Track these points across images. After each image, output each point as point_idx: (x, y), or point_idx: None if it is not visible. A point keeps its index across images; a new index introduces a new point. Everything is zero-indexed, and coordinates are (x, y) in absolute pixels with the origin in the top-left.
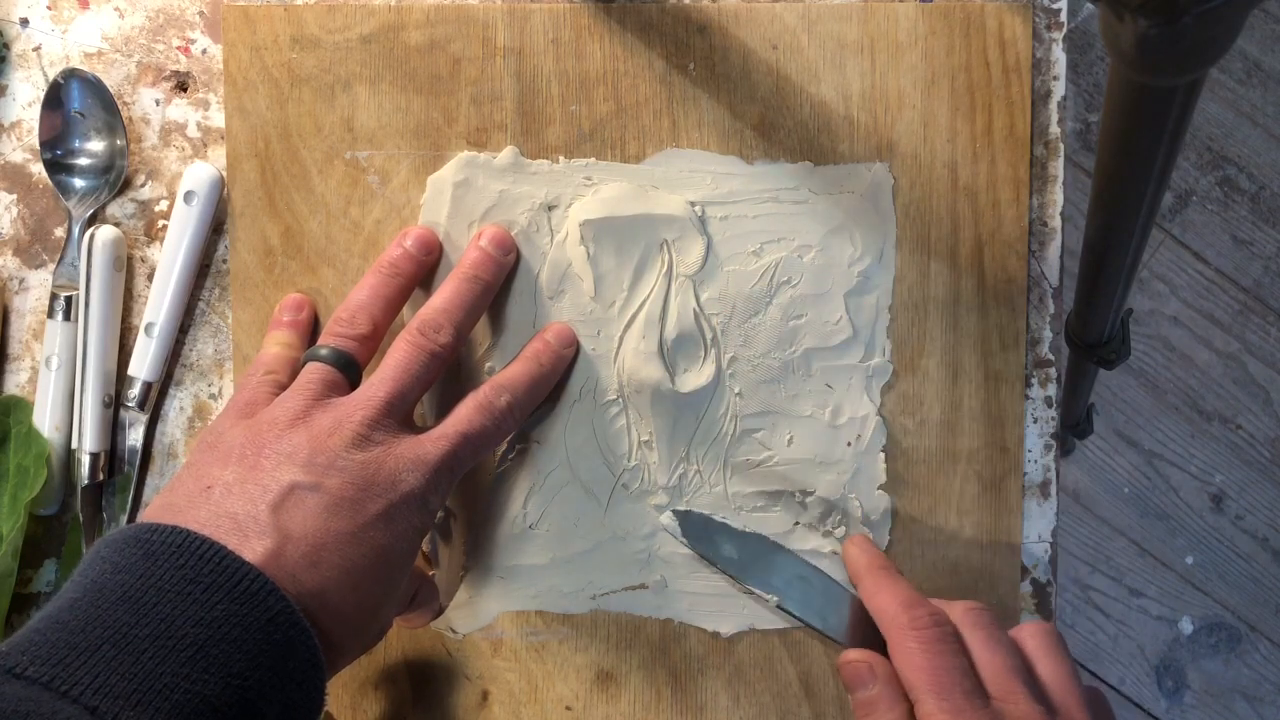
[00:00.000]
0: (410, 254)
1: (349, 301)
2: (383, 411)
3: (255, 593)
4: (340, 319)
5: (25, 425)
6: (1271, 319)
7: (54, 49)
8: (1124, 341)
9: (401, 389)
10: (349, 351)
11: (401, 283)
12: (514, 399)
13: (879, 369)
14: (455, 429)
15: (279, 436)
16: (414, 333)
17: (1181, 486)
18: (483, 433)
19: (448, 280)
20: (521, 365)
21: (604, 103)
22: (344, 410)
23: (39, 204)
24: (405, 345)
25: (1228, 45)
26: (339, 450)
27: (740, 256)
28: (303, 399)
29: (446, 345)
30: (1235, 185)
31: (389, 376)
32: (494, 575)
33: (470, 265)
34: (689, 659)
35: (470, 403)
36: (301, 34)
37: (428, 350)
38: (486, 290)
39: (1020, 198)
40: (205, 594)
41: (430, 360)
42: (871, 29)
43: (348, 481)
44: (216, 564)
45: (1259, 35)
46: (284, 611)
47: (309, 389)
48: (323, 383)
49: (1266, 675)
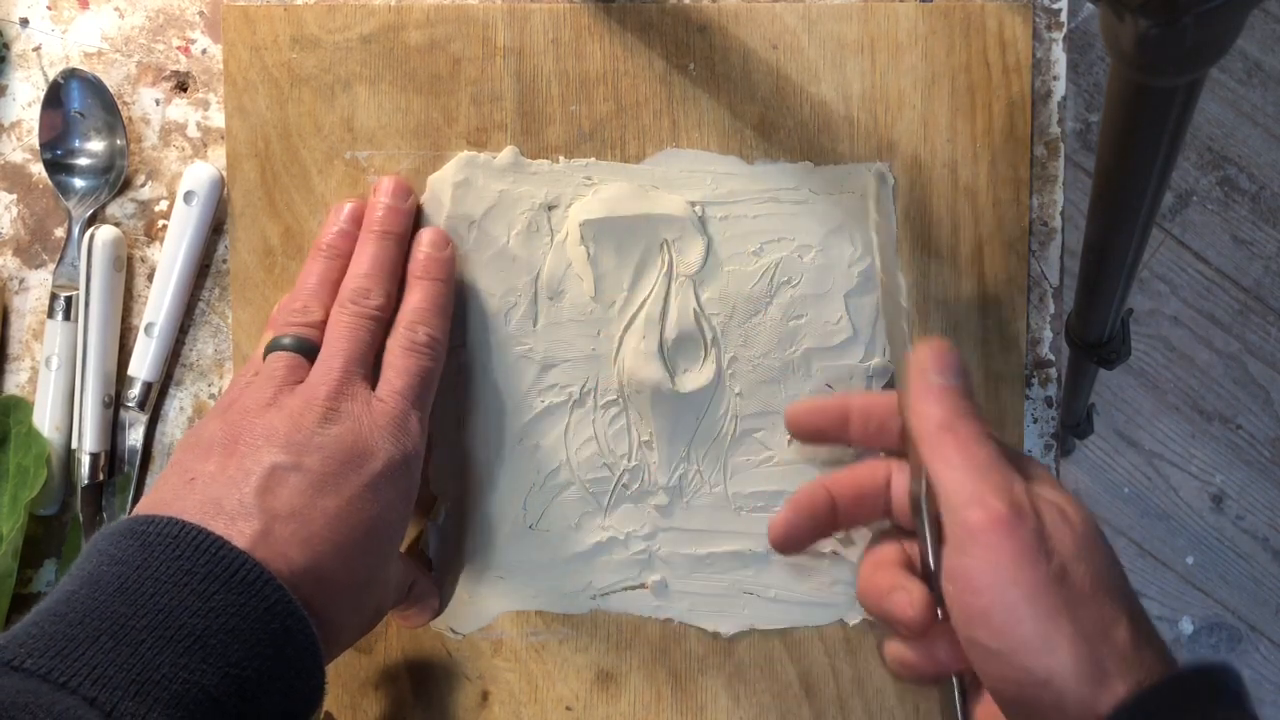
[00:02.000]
0: (345, 231)
1: (299, 289)
2: (342, 381)
3: (252, 582)
4: (294, 308)
5: (25, 425)
6: (1271, 319)
7: (54, 49)
8: (1124, 341)
9: (352, 357)
10: (307, 337)
11: (342, 261)
12: (428, 325)
13: (879, 369)
14: (399, 380)
15: (253, 423)
16: (346, 303)
17: (1181, 486)
18: (421, 370)
19: (360, 244)
20: (416, 290)
21: (604, 103)
22: (309, 389)
23: (39, 204)
24: (343, 316)
25: (1228, 45)
26: (314, 427)
27: (740, 256)
28: (270, 386)
29: (379, 306)
30: (1235, 185)
31: (338, 349)
32: (494, 575)
33: (379, 222)
34: (689, 659)
35: (395, 350)
36: (301, 34)
37: (363, 315)
38: (399, 241)
39: (1020, 198)
40: (202, 584)
41: (369, 323)
42: (871, 29)
43: (328, 457)
44: (213, 554)
45: (1259, 35)
46: (281, 600)
47: (275, 376)
48: (287, 368)
49: (1266, 675)
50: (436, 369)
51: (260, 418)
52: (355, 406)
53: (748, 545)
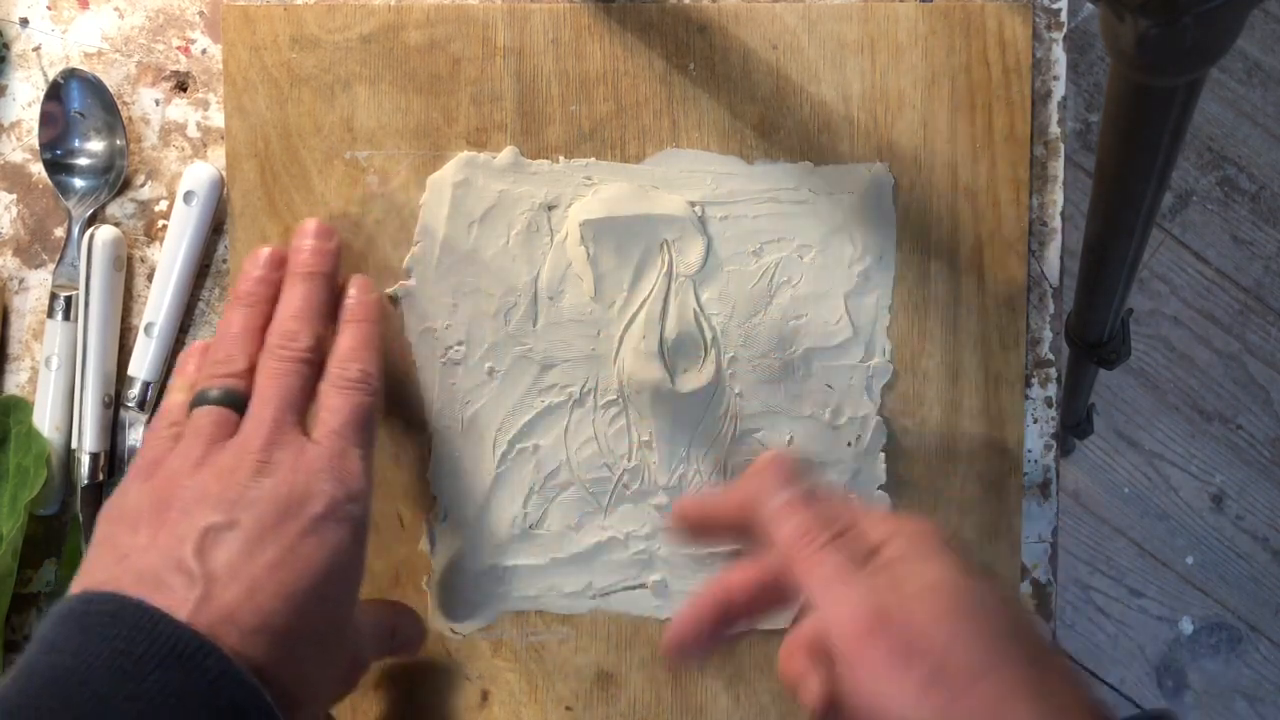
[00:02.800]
0: (264, 277)
1: (220, 339)
2: (274, 430)
3: (190, 655)
4: (218, 359)
5: (25, 425)
6: (1271, 319)
7: (54, 49)
8: (1124, 341)
9: (284, 404)
10: (233, 388)
11: (263, 308)
12: (360, 361)
13: (879, 369)
14: (334, 419)
15: (182, 486)
16: (274, 349)
17: (1181, 486)
18: (355, 409)
19: (286, 287)
20: (346, 332)
21: (604, 103)
22: (241, 442)
23: (39, 204)
24: (271, 362)
25: (1228, 45)
26: (247, 482)
27: (740, 256)
28: (199, 444)
29: (308, 348)
30: (1235, 185)
31: (268, 397)
32: (494, 575)
33: (303, 264)
34: None
35: (327, 390)
36: (301, 34)
37: (293, 359)
38: (326, 282)
39: (1020, 198)
40: (138, 666)
41: (299, 367)
42: (871, 29)
43: (263, 510)
44: (149, 631)
45: (1259, 35)
46: (226, 674)
47: (202, 432)
48: (214, 424)
49: (1266, 675)
50: (373, 404)
51: (191, 479)
52: (288, 455)
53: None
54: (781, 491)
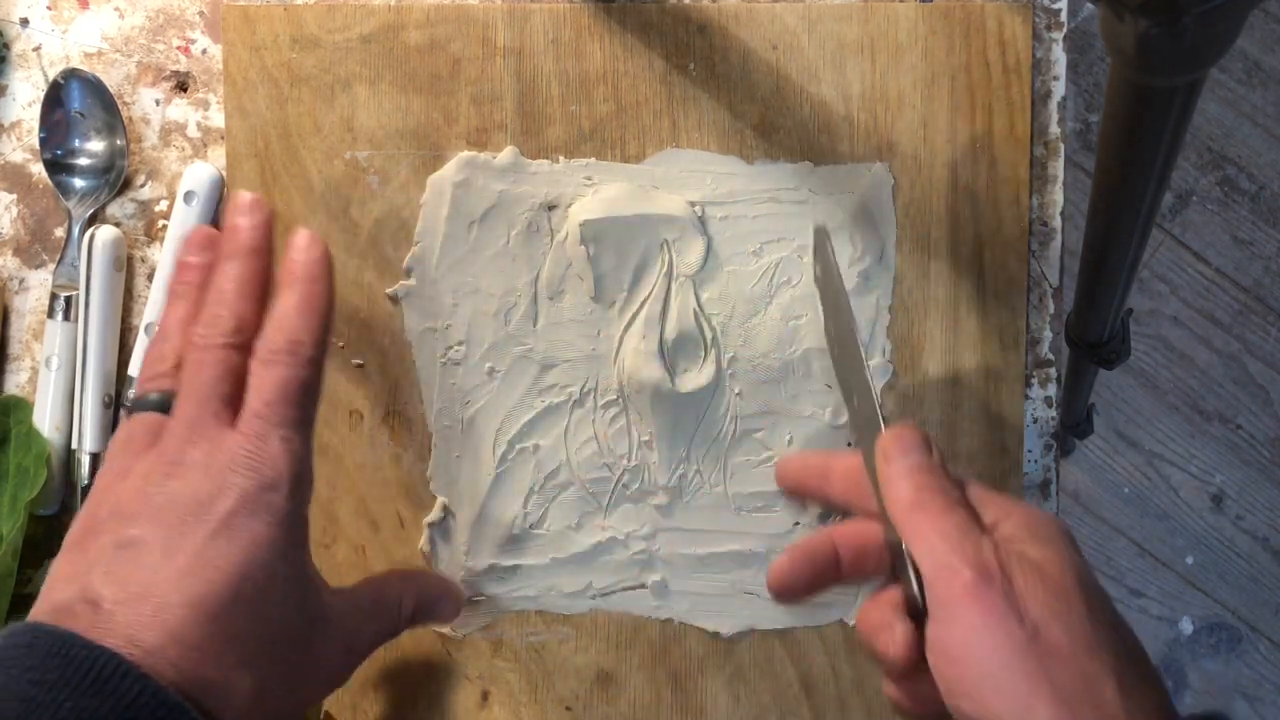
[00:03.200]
0: (195, 264)
1: (155, 340)
2: (192, 427)
3: (106, 679)
4: (150, 359)
5: (25, 425)
6: (1271, 319)
7: (54, 49)
8: (1124, 341)
9: (202, 396)
10: (165, 389)
11: (196, 295)
12: (288, 330)
13: (879, 369)
14: (256, 400)
15: (102, 503)
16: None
17: (1181, 486)
18: (280, 382)
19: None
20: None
21: (604, 103)
22: (160, 447)
23: (39, 204)
24: (192, 354)
25: (1228, 45)
26: (154, 490)
27: (740, 256)
28: (125, 455)
29: (230, 330)
30: (1235, 185)
31: (187, 392)
32: (494, 575)
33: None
34: (689, 659)
35: (254, 366)
36: (301, 34)
37: (213, 346)
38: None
39: (1020, 198)
40: (52, 694)
41: (220, 353)
42: (871, 29)
43: (167, 516)
44: (63, 657)
45: (1259, 35)
46: (145, 693)
47: (130, 442)
48: (144, 431)
49: (1266, 675)
50: (302, 376)
51: (110, 494)
52: (199, 452)
53: (748, 545)
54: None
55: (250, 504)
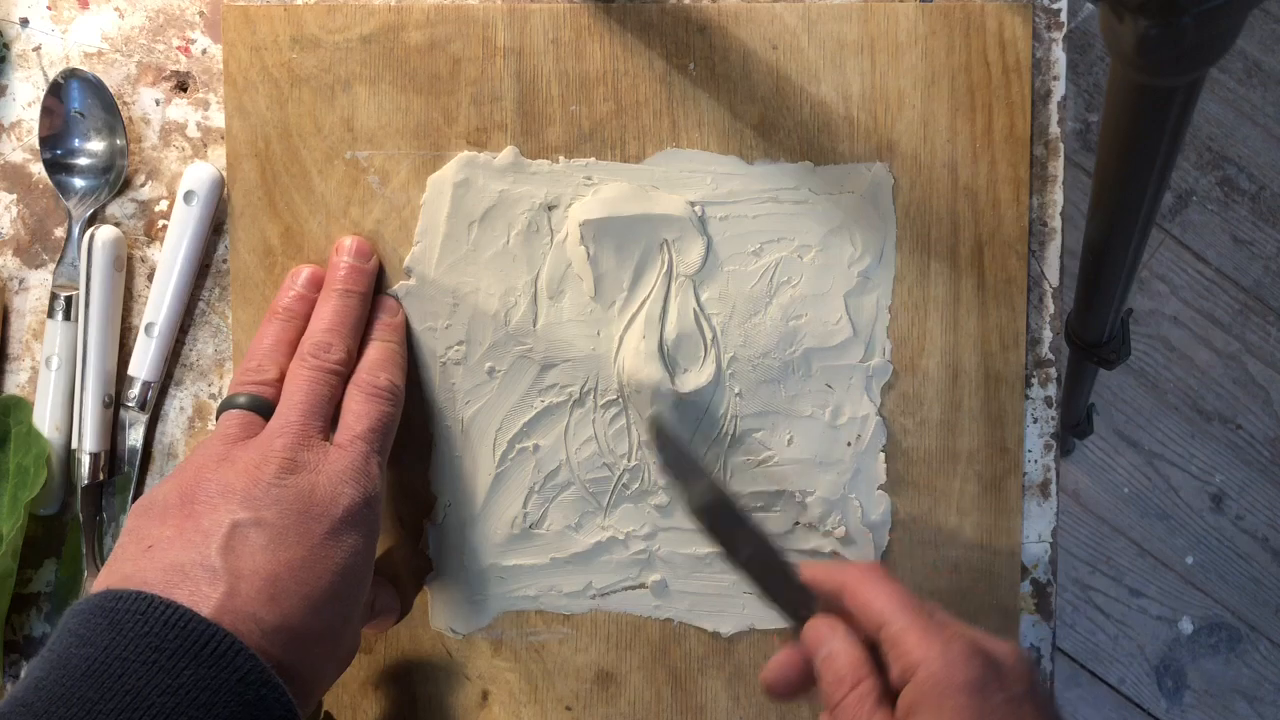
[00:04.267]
0: (302, 295)
1: (254, 350)
2: (300, 433)
3: (222, 654)
4: (249, 368)
5: (25, 425)
6: (1271, 319)
7: (54, 49)
8: (1124, 341)
9: (310, 409)
10: (261, 395)
11: (298, 323)
12: (388, 374)
13: (879, 369)
14: (359, 425)
15: (207, 480)
16: (307, 356)
17: (1181, 486)
18: (381, 417)
19: (322, 301)
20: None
21: (604, 103)
22: (264, 441)
23: (39, 204)
24: (303, 369)
25: (1228, 45)
26: (271, 480)
27: (740, 256)
28: (222, 443)
29: (340, 360)
30: (1235, 185)
31: (296, 401)
32: (494, 575)
33: (341, 280)
34: (689, 659)
35: (357, 395)
36: (301, 34)
37: (324, 369)
38: (362, 300)
39: (1020, 198)
40: (171, 661)
41: (329, 377)
42: (871, 29)
43: (288, 509)
44: (181, 628)
45: (1259, 35)
46: (254, 670)
47: (228, 433)
48: (240, 426)
49: (1266, 675)
50: (395, 414)
51: (215, 474)
52: (312, 455)
53: None
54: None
55: (355, 515)
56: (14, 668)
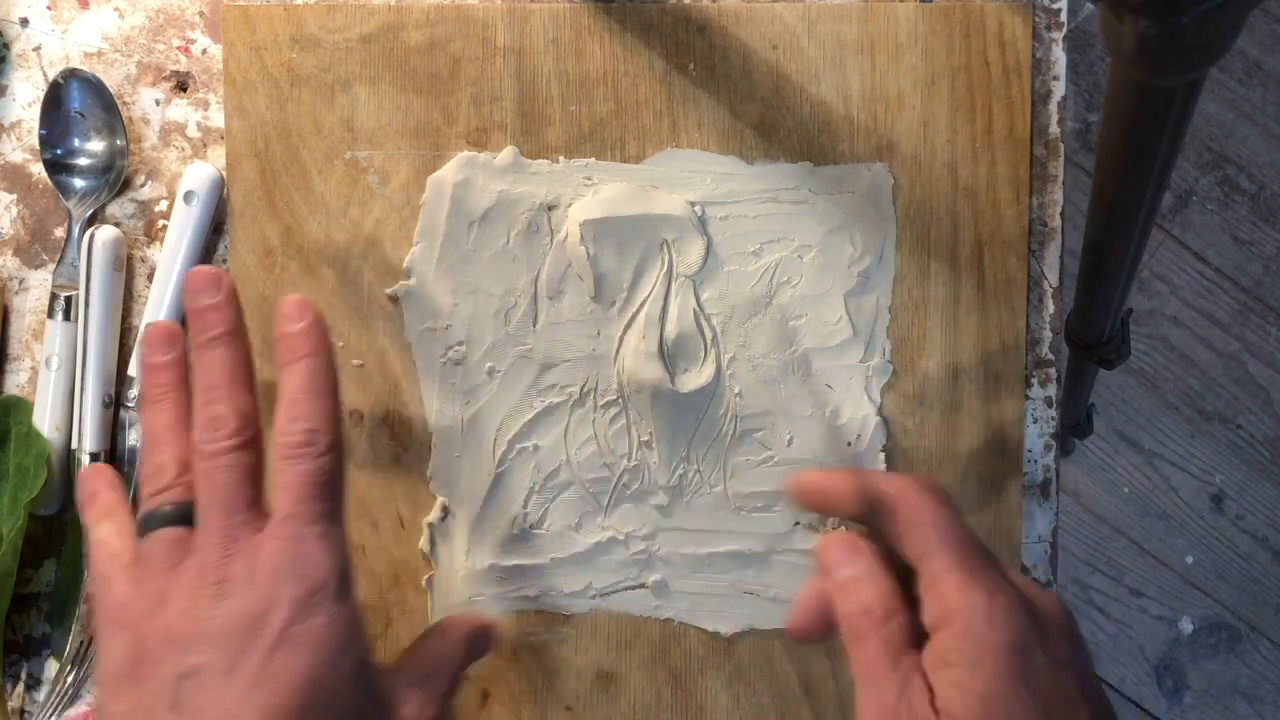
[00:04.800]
0: (164, 363)
1: (145, 453)
2: (223, 541)
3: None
4: (146, 475)
5: (25, 425)
6: (1271, 319)
7: (54, 49)
8: (1124, 341)
9: (225, 507)
10: (173, 501)
11: (174, 396)
12: (302, 419)
13: (879, 369)
14: (285, 499)
15: (150, 631)
16: (200, 444)
17: (1181, 486)
18: (304, 476)
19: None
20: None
21: (604, 103)
22: (194, 563)
23: (39, 204)
24: (201, 463)
25: (1228, 45)
26: (205, 614)
27: (740, 256)
28: (156, 578)
29: (234, 430)
30: (1235, 185)
31: (206, 504)
32: (494, 575)
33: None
34: (689, 659)
35: (275, 462)
36: (301, 34)
37: (221, 451)
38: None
39: (1020, 198)
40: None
41: (234, 457)
42: (871, 29)
43: (229, 640)
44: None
45: (1259, 35)
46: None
47: (155, 563)
48: (166, 548)
49: (1266, 675)
50: (326, 464)
51: (156, 621)
52: (239, 566)
53: (748, 545)
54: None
55: (303, 611)
56: (14, 668)
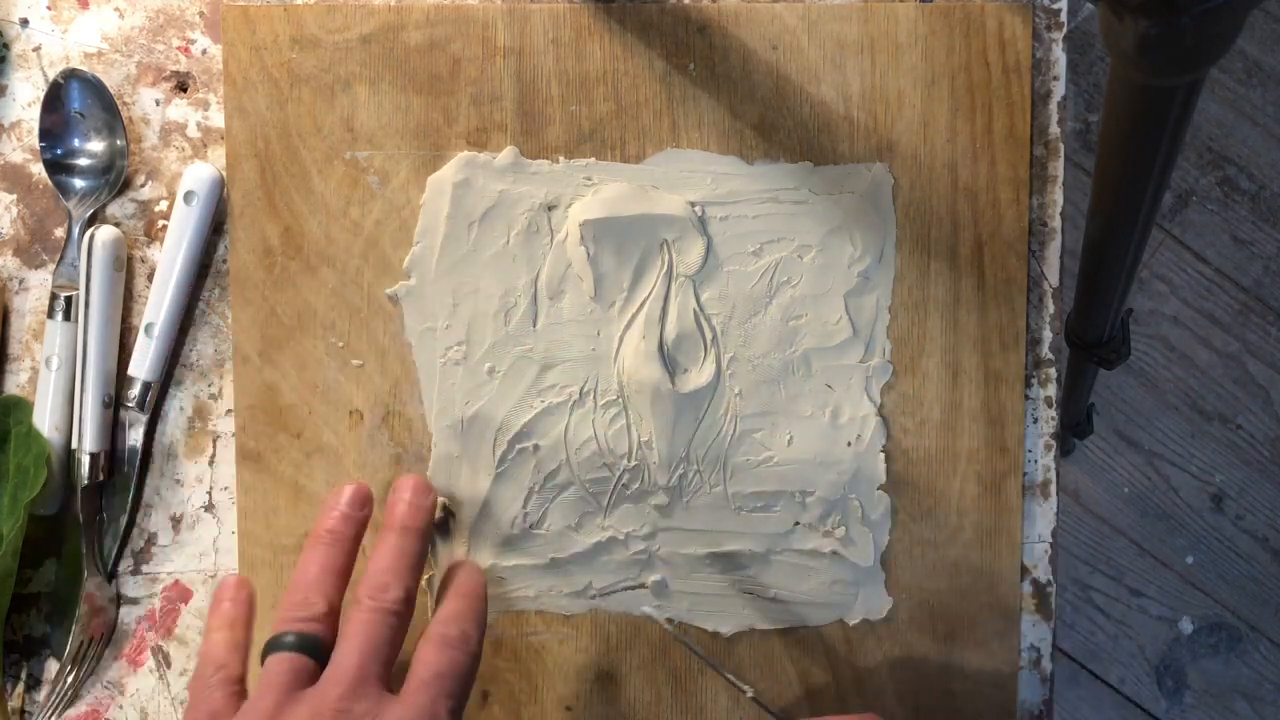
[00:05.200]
0: (346, 514)
1: (298, 581)
2: (356, 682)
3: None
4: (294, 601)
5: (25, 425)
6: (1271, 319)
7: (54, 49)
8: (1124, 341)
9: (367, 655)
10: (311, 633)
11: (346, 547)
12: (462, 626)
13: (879, 369)
14: (427, 672)
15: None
16: (365, 599)
17: (1181, 486)
18: (453, 664)
19: (383, 539)
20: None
21: (604, 103)
22: (319, 694)
23: (39, 204)
24: (361, 613)
25: (1228, 45)
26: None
27: (740, 256)
28: (273, 697)
29: (398, 600)
30: (1235, 185)
31: (353, 647)
32: (494, 575)
33: (400, 518)
34: (689, 659)
35: (428, 645)
36: (301, 34)
37: (383, 611)
38: (421, 537)
39: (1020, 198)
40: None
41: (389, 619)
42: (871, 29)
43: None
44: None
45: (1259, 35)
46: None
47: (276, 684)
48: (291, 672)
49: (1266, 675)
50: (469, 665)
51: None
52: (364, 707)
53: (748, 545)
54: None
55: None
56: (14, 668)
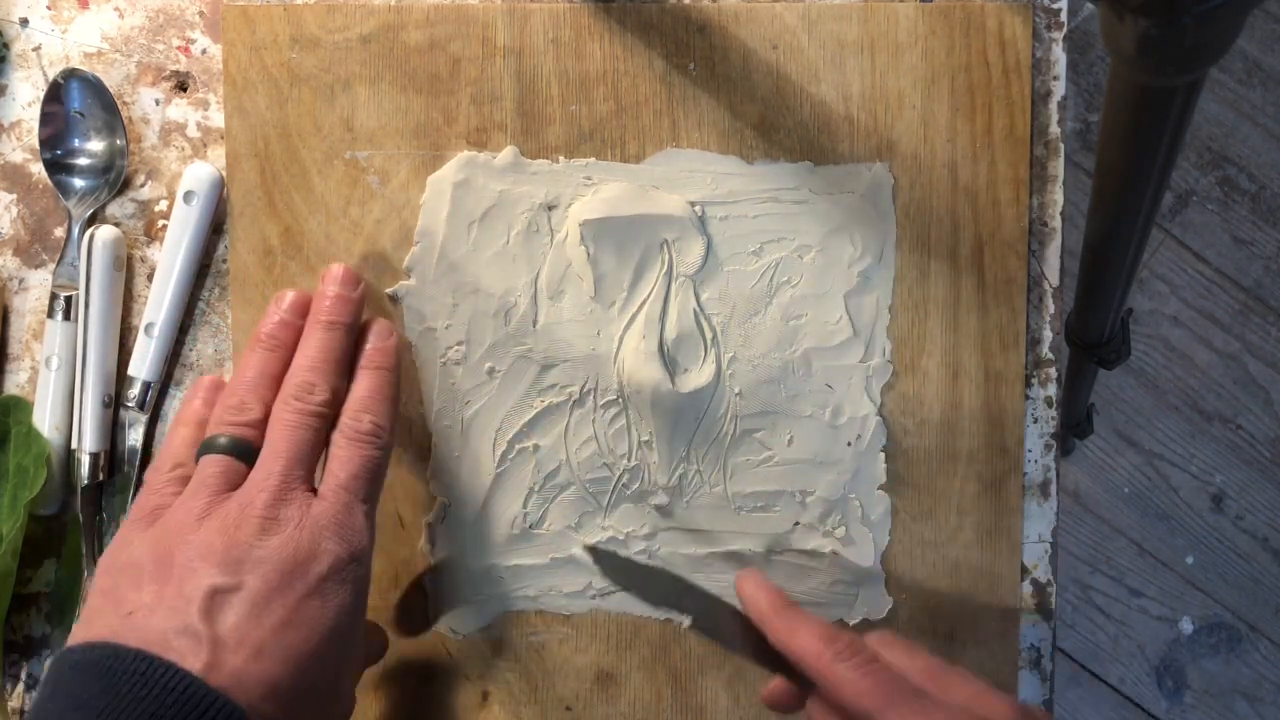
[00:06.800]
0: (286, 321)
1: (235, 384)
2: (281, 487)
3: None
4: (230, 405)
5: (25, 425)
6: (1271, 319)
7: (54, 49)
8: (1124, 341)
9: (293, 458)
10: (244, 438)
11: (283, 353)
12: (373, 413)
13: (879, 369)
14: (343, 471)
15: (186, 541)
16: (289, 399)
17: (1181, 486)
18: (365, 460)
19: (306, 335)
20: (363, 379)
21: (604, 103)
22: (246, 497)
23: (39, 204)
24: (285, 414)
25: (1228, 45)
26: (251, 541)
27: (740, 256)
28: (204, 496)
29: (324, 401)
30: (1235, 185)
31: (279, 450)
32: (494, 575)
33: (326, 311)
34: (689, 659)
35: (339, 440)
36: (301, 34)
37: (307, 412)
38: (348, 331)
39: (1020, 198)
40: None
41: (313, 420)
42: (871, 29)
43: (269, 570)
44: (180, 694)
45: (1259, 35)
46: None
47: (207, 484)
48: (221, 475)
49: (1266, 675)
50: (381, 458)
51: (194, 534)
52: (294, 510)
53: (748, 545)
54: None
55: (340, 570)
56: (14, 668)
